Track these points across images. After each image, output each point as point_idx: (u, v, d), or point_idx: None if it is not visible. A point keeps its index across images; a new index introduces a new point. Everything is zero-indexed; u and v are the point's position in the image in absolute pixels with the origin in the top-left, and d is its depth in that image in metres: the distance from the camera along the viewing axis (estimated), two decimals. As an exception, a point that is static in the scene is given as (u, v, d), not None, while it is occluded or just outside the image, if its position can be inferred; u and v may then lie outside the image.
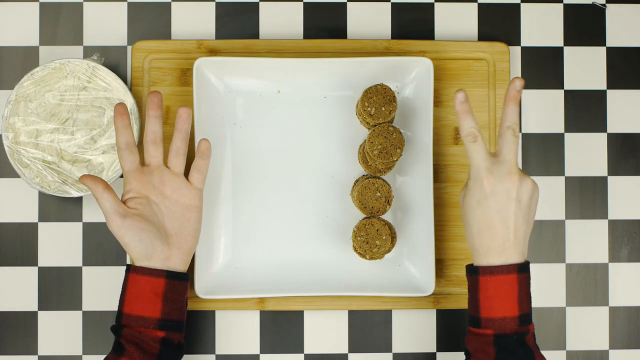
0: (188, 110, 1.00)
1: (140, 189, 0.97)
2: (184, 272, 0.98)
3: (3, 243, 1.11)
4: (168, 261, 0.97)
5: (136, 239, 0.95)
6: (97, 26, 1.12)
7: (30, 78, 1.06)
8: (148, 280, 0.95)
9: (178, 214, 0.98)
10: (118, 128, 0.98)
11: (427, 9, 1.14)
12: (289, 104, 1.10)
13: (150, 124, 0.99)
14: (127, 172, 0.98)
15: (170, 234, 0.98)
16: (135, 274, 0.95)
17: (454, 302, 1.10)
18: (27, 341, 1.10)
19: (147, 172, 0.98)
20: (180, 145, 1.00)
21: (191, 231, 0.99)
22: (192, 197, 0.99)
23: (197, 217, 1.00)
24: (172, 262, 0.97)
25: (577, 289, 1.13)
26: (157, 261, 0.96)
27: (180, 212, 0.99)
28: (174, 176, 0.99)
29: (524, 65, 1.14)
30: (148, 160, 0.99)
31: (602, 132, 1.14)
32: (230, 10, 1.13)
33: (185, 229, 0.99)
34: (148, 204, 0.97)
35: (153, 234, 0.96)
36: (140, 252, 0.95)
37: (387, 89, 1.04)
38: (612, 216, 1.13)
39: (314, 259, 1.09)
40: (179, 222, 0.98)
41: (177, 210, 0.99)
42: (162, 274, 0.95)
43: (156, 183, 0.98)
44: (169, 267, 0.97)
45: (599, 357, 1.13)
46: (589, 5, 1.15)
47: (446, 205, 1.11)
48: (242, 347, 1.11)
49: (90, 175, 0.95)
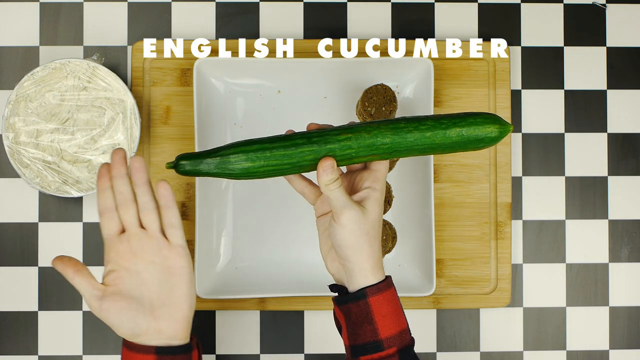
0: (140, 159, 0.88)
1: (119, 260, 0.87)
2: (180, 345, 0.87)
3: (3, 243, 1.11)
4: (161, 334, 0.86)
5: (117, 320, 0.85)
6: (97, 26, 1.12)
7: (30, 78, 1.06)
8: (138, 357, 0.86)
9: (164, 280, 0.87)
10: (98, 190, 0.88)
11: (427, 9, 1.14)
12: (289, 104, 1.10)
13: (116, 184, 0.87)
14: (105, 240, 0.88)
15: (157, 305, 0.87)
16: (127, 350, 0.86)
17: (454, 302, 1.10)
18: (27, 341, 1.10)
19: (125, 240, 0.87)
20: (145, 200, 0.87)
21: (180, 298, 0.87)
22: (175, 258, 0.87)
23: (185, 280, 0.87)
24: (166, 334, 0.86)
25: (577, 289, 1.13)
26: (147, 337, 0.86)
27: (166, 277, 0.87)
28: (150, 238, 0.87)
29: (524, 65, 1.14)
30: (124, 224, 0.87)
31: (602, 132, 1.14)
32: (230, 10, 1.13)
33: (173, 297, 0.87)
34: (128, 276, 0.87)
35: (135, 311, 0.86)
36: (125, 333, 0.86)
37: (387, 89, 1.04)
38: (612, 216, 1.13)
39: (314, 259, 1.09)
40: (164, 291, 0.87)
41: (163, 276, 0.87)
42: (150, 350, 0.85)
43: (136, 250, 0.87)
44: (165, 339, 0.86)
45: (599, 357, 1.13)
46: (589, 5, 1.15)
47: (446, 205, 1.11)
48: (242, 347, 1.11)
49: (60, 258, 0.87)
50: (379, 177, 0.89)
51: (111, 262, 0.87)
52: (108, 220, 0.87)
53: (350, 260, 0.88)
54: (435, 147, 0.86)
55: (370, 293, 0.87)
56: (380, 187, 0.89)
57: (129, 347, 0.87)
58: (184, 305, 0.87)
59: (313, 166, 0.86)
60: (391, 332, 0.87)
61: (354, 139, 0.85)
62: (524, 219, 1.13)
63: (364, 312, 0.87)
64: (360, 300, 0.87)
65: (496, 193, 1.11)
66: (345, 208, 0.86)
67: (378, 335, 0.87)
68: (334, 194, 0.86)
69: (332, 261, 0.91)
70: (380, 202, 0.89)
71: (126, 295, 0.86)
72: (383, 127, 0.86)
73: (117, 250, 0.87)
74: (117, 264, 0.87)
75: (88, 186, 1.06)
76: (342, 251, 0.88)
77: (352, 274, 0.88)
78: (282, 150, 0.85)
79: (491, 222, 1.11)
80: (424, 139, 0.86)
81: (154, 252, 0.87)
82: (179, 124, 1.11)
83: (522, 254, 1.13)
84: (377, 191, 0.89)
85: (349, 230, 0.87)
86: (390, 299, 0.88)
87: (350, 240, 0.87)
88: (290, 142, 0.85)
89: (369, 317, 0.87)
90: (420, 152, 0.87)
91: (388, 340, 0.87)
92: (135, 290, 0.87)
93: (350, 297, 0.88)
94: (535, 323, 1.12)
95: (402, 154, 0.87)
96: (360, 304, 0.87)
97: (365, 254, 0.88)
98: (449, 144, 0.86)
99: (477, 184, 1.11)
